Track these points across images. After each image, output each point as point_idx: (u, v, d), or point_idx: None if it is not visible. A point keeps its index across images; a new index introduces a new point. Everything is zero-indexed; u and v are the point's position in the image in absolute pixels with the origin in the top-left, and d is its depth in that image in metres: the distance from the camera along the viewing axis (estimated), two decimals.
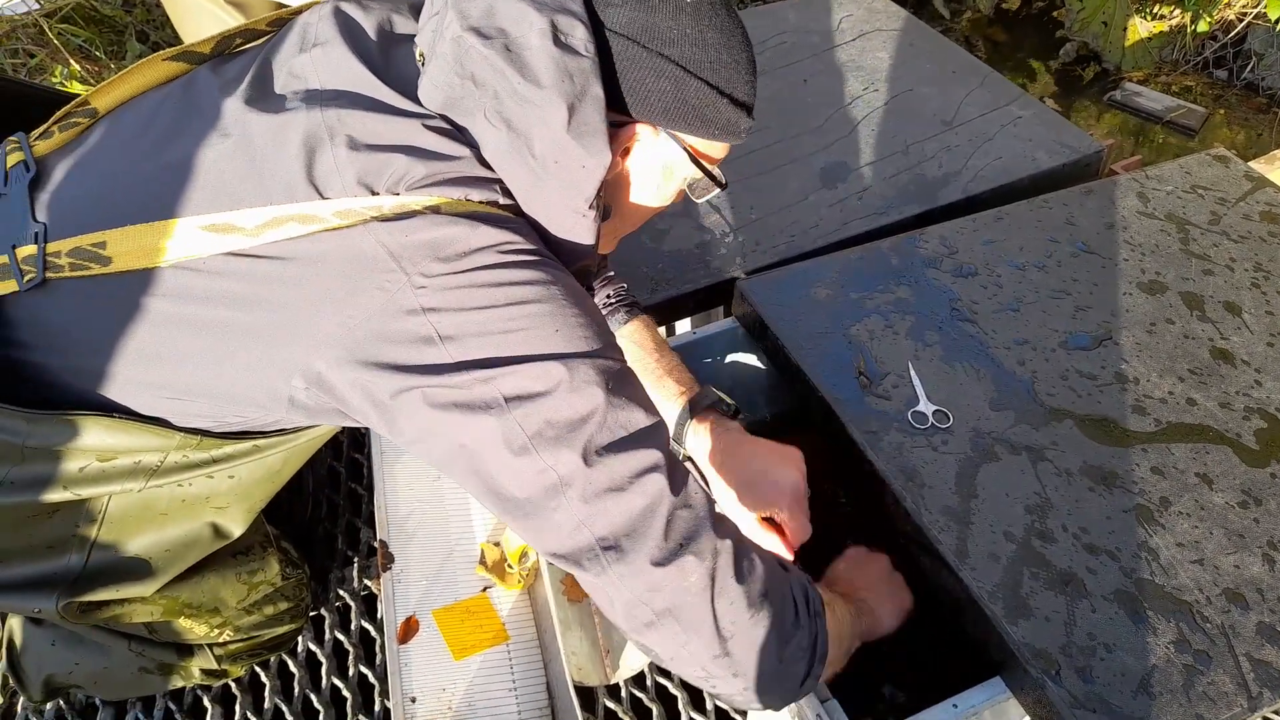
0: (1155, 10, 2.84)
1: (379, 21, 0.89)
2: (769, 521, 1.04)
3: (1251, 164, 1.58)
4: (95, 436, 0.85)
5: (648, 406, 0.81)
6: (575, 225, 0.84)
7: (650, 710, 1.17)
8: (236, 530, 1.02)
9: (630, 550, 0.77)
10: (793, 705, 0.95)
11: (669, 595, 0.78)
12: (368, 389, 0.78)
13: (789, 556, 1.01)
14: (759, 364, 1.35)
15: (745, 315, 1.30)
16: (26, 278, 0.82)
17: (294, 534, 1.26)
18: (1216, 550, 0.98)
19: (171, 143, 0.86)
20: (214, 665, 1.13)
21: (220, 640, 1.12)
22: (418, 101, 0.82)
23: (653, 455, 0.78)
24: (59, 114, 0.93)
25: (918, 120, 1.69)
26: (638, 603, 0.78)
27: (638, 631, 0.81)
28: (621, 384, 0.79)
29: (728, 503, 1.05)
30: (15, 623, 1.11)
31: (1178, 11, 2.80)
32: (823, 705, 0.95)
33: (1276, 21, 2.50)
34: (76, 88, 2.56)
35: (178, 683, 1.14)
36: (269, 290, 0.79)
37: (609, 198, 0.91)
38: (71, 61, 2.68)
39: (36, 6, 2.79)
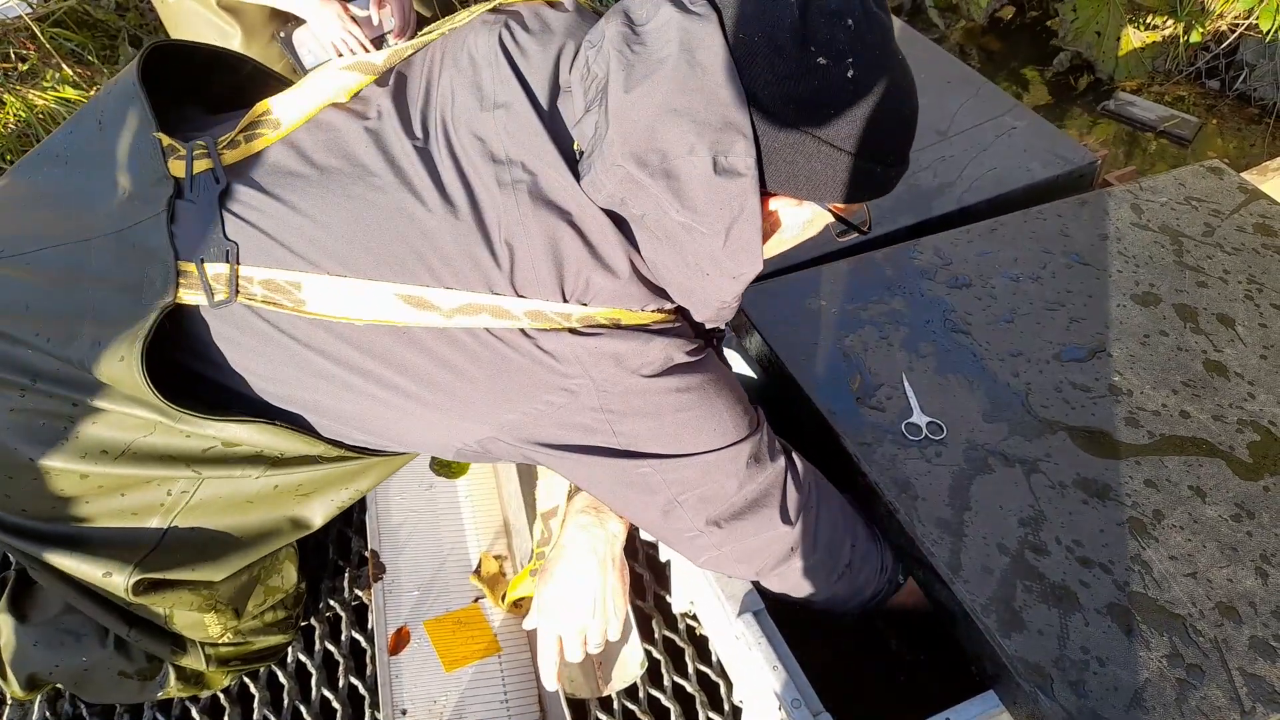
0: (1148, 20, 2.85)
1: (548, 75, 0.87)
2: None
3: (1245, 175, 1.59)
4: (249, 435, 0.89)
5: (774, 455, 0.96)
6: (718, 314, 0.91)
7: None
8: (317, 522, 1.03)
9: (770, 567, 0.99)
10: (783, 714, 0.95)
11: (806, 576, 1.00)
12: (541, 458, 0.92)
13: None
14: (752, 374, 1.34)
15: (739, 325, 1.30)
16: (217, 296, 0.84)
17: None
18: (1210, 564, 0.98)
19: (369, 197, 0.85)
20: (201, 667, 1.12)
21: (219, 641, 1.11)
22: (591, 199, 0.82)
23: (774, 508, 0.95)
24: (245, 122, 0.92)
25: None
26: (783, 583, 1.02)
27: (778, 592, 1.04)
28: (758, 455, 0.93)
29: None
30: (2, 620, 1.11)
31: (1170, 22, 2.81)
32: (815, 718, 0.95)
33: (1268, 33, 2.51)
34: (69, 93, 2.55)
35: (153, 692, 1.14)
36: (457, 377, 0.85)
37: None
38: (64, 66, 2.67)
39: (28, 10, 2.78)
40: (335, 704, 1.21)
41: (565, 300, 0.83)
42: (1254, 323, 1.24)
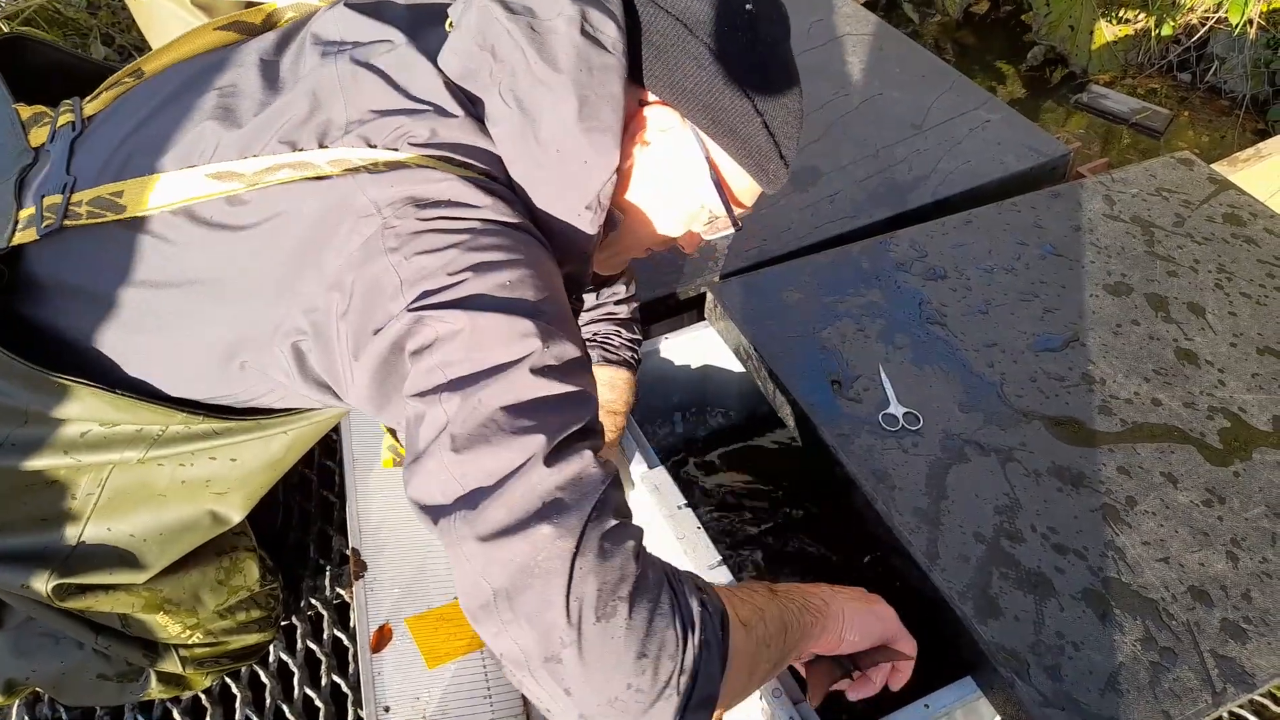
0: (1121, 14, 2.88)
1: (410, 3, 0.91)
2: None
3: (1215, 166, 1.61)
4: (96, 410, 0.85)
5: (581, 383, 0.73)
6: (569, 220, 0.83)
7: None
8: (236, 517, 1.01)
9: (486, 509, 0.65)
10: (764, 705, 0.96)
11: (510, 571, 0.64)
12: (342, 333, 0.76)
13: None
14: (732, 368, 1.35)
15: (718, 319, 1.31)
16: (45, 223, 0.84)
17: (265, 543, 1.24)
18: (1181, 548, 1.00)
19: (201, 104, 0.87)
20: (179, 669, 1.11)
21: (189, 642, 1.10)
22: (436, 66, 0.82)
23: (544, 431, 0.67)
24: (111, 79, 0.95)
25: (887, 124, 1.71)
26: (478, 576, 0.65)
27: (473, 616, 0.66)
28: (556, 356, 0.72)
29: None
30: None
31: (1142, 15, 2.84)
32: (795, 707, 0.95)
33: (1237, 26, 2.55)
34: None
35: (134, 694, 1.13)
36: (258, 235, 0.80)
37: (615, 198, 0.91)
38: None
39: None
40: (318, 702, 1.21)
41: (372, 147, 0.78)
42: (1224, 311, 1.26)
